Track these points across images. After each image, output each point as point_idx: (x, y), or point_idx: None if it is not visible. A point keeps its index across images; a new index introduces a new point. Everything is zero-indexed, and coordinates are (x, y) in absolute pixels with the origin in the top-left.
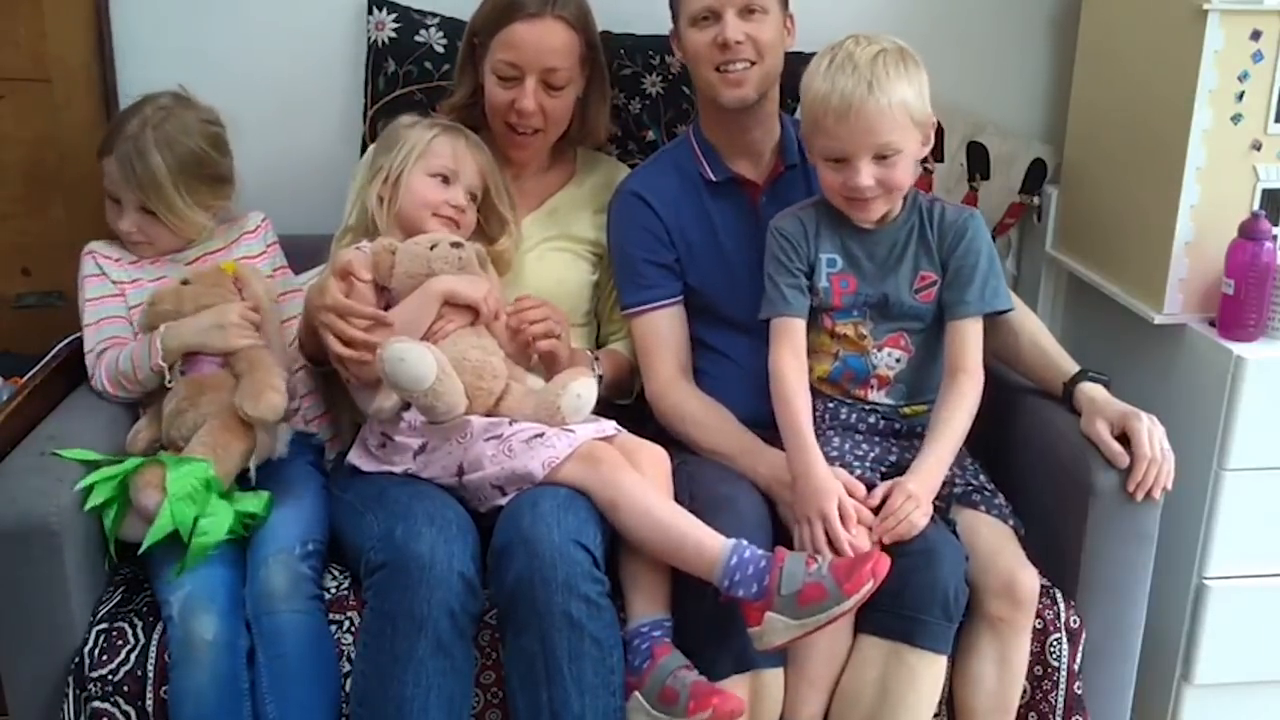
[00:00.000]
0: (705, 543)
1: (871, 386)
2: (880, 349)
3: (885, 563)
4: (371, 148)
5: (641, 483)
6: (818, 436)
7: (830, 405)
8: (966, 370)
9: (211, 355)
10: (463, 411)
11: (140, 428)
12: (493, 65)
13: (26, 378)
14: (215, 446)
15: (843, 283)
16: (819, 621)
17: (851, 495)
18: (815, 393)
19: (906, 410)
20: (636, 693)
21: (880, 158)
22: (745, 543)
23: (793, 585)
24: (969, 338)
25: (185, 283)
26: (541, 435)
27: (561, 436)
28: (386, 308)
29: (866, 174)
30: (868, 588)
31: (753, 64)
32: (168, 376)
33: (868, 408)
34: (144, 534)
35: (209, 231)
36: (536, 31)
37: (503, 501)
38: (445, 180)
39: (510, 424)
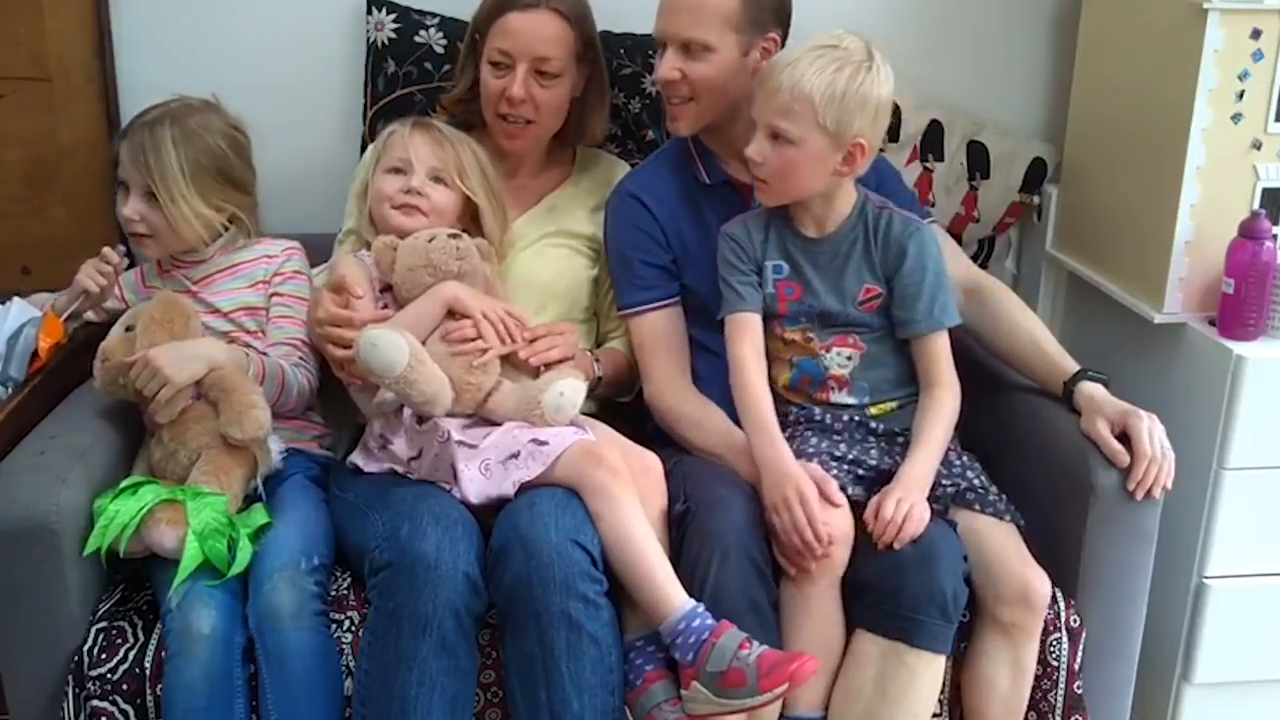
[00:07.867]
0: (666, 593)
1: (831, 389)
2: (828, 350)
3: (811, 666)
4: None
5: (634, 507)
6: (796, 435)
7: (803, 410)
8: (942, 383)
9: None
10: (448, 402)
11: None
12: (487, 54)
13: (26, 377)
14: (218, 474)
15: (788, 289)
16: (736, 706)
17: (823, 491)
18: (785, 401)
19: (873, 410)
20: (626, 707)
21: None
22: (701, 610)
23: (719, 664)
24: (937, 352)
25: (129, 329)
26: (516, 455)
27: (536, 455)
28: (390, 306)
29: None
30: (782, 689)
31: (689, 100)
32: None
33: (837, 409)
34: (148, 549)
35: (215, 242)
36: (530, 21)
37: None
38: (401, 172)
39: (485, 436)
